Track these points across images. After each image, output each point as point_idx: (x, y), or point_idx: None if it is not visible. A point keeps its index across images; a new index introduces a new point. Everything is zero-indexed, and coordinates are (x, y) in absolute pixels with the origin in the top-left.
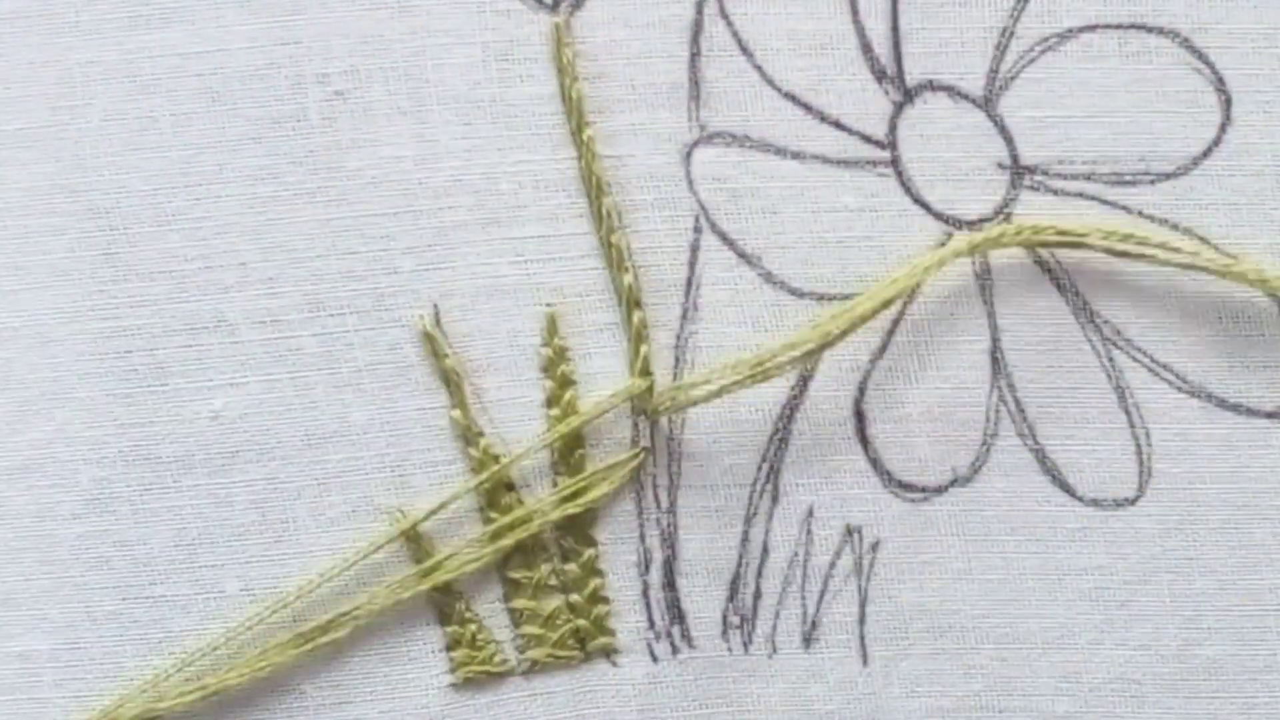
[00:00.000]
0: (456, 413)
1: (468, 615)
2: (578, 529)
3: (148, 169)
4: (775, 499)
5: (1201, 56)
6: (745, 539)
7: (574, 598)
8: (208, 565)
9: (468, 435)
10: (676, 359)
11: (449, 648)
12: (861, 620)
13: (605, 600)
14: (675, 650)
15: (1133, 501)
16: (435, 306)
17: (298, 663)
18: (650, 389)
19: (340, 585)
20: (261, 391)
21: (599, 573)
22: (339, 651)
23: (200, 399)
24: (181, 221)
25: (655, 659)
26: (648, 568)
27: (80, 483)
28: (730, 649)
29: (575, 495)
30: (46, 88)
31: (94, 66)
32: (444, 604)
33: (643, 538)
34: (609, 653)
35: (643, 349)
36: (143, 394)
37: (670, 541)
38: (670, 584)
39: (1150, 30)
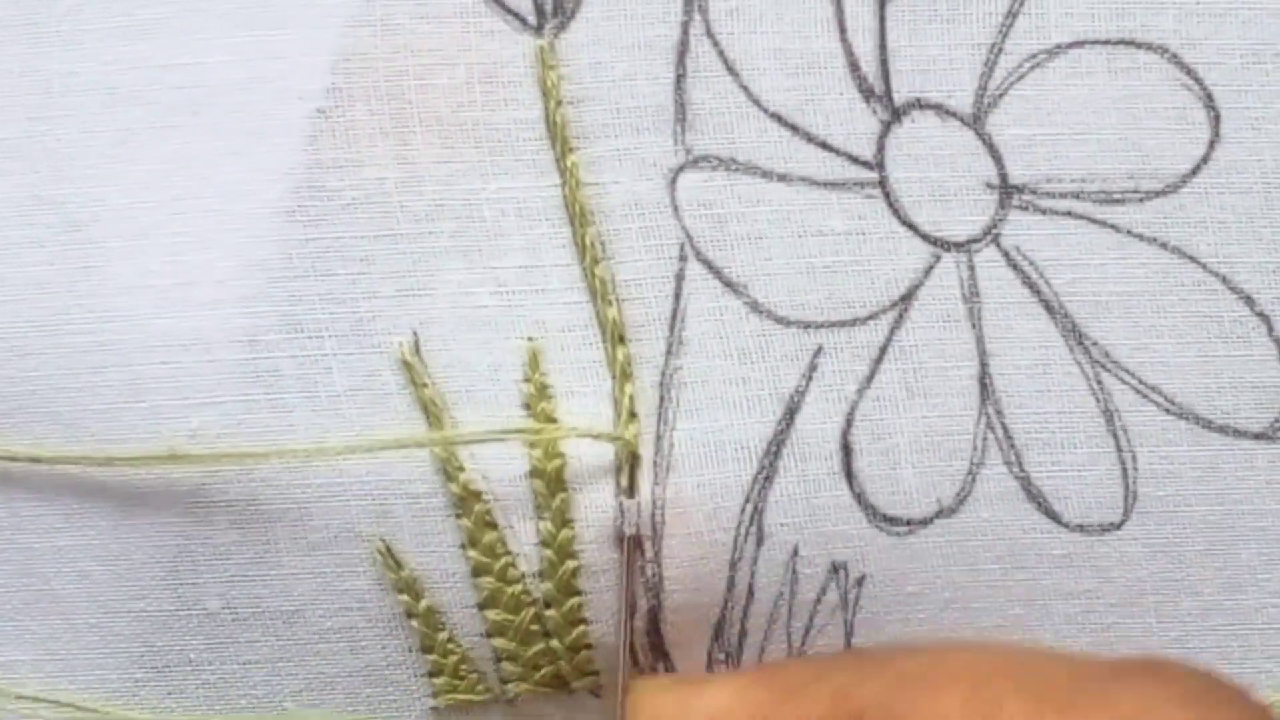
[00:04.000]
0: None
1: (450, 646)
2: (560, 579)
3: (126, 182)
4: (760, 541)
5: (1190, 72)
6: (731, 584)
7: (555, 644)
8: (188, 583)
9: (448, 469)
10: (661, 397)
11: (431, 674)
12: None
13: (588, 646)
14: None
15: (1118, 526)
16: (415, 334)
17: None
18: (635, 438)
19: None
20: (239, 411)
21: (583, 620)
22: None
23: (178, 416)
24: (159, 236)
25: None
26: (632, 616)
27: (59, 496)
28: None
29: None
30: (25, 98)
31: (73, 77)
32: (425, 635)
33: (628, 587)
34: (593, 690)
35: (628, 388)
36: (119, 410)
37: (656, 591)
38: (655, 630)
39: (1139, 46)
